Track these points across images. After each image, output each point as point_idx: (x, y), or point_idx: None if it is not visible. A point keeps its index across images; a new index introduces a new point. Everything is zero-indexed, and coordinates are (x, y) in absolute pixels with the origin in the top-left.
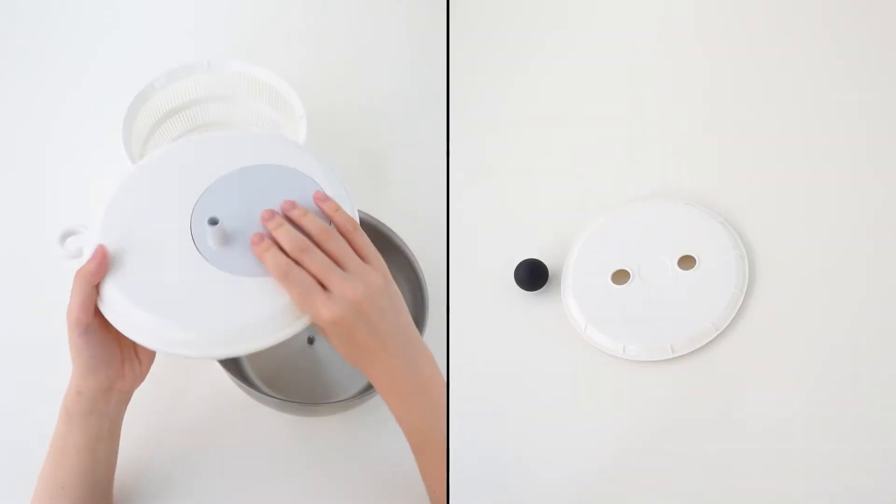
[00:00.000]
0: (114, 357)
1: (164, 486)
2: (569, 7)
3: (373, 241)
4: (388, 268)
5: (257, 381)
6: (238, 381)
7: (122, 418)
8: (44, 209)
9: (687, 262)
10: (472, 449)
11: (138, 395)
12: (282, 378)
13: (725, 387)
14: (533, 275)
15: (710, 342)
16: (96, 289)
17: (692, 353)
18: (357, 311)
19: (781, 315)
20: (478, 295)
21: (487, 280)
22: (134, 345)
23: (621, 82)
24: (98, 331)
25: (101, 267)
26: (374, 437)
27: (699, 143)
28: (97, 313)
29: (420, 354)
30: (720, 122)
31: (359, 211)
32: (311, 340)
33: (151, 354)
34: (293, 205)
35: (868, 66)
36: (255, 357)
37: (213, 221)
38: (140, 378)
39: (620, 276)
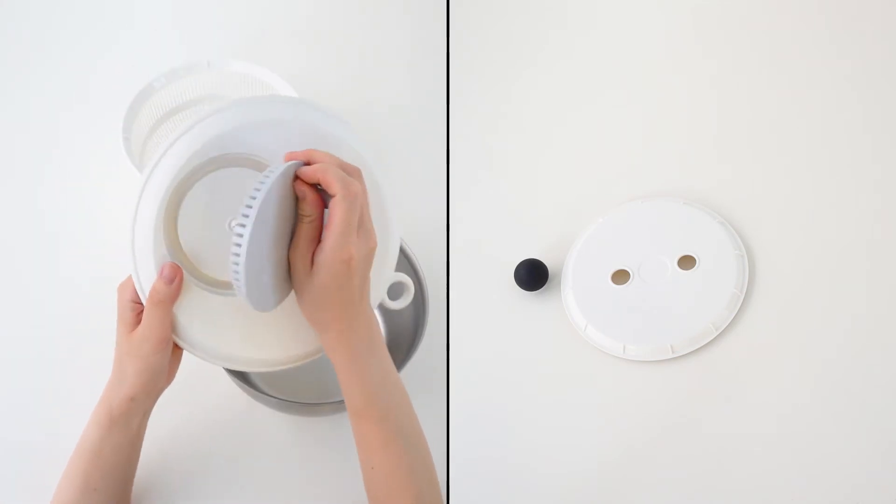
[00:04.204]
0: (170, 364)
1: (163, 485)
2: (569, 8)
3: None
4: None
5: (257, 382)
6: (238, 382)
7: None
8: (43, 208)
9: (687, 262)
10: (472, 448)
11: None
12: (282, 378)
13: (725, 387)
14: (533, 275)
15: (710, 342)
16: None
17: (692, 353)
18: (366, 260)
19: (781, 315)
20: (478, 295)
21: (487, 280)
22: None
23: (621, 83)
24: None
25: (178, 290)
26: None
27: (699, 143)
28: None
29: (375, 319)
30: (720, 122)
31: None
32: None
33: (181, 355)
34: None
35: (868, 66)
36: None
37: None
38: (172, 378)
39: (620, 276)
